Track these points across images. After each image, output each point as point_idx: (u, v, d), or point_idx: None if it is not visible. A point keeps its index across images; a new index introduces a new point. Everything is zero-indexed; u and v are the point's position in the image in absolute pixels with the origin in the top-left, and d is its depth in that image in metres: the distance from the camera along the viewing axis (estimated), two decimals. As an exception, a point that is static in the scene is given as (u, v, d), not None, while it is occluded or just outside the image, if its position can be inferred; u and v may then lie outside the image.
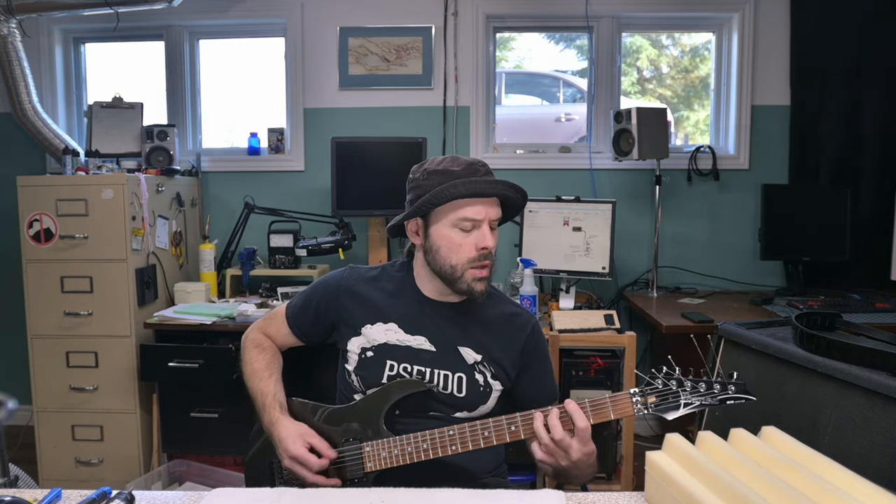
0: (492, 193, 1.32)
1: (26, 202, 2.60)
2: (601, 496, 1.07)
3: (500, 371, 1.39)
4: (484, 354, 1.39)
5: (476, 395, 1.37)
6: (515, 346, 1.42)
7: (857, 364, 1.15)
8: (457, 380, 1.37)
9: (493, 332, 1.41)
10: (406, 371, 1.37)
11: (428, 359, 1.37)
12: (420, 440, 1.26)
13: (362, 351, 1.40)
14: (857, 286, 2.97)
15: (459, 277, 1.33)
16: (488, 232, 1.33)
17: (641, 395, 1.17)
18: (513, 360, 1.41)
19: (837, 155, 3.04)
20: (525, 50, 3.48)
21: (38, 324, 2.64)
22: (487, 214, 1.32)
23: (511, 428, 1.23)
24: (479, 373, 1.38)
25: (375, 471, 1.29)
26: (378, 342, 1.40)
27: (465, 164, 1.34)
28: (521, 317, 1.46)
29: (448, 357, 1.38)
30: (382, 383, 1.37)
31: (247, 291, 3.00)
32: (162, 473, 2.45)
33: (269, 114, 3.38)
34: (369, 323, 1.41)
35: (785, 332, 1.39)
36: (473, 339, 1.40)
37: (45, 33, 3.23)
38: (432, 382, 1.36)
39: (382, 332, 1.40)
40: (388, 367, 1.38)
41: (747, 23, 3.08)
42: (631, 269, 3.18)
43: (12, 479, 1.18)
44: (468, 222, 1.32)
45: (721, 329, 1.50)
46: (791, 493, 0.85)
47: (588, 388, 2.53)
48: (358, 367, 1.40)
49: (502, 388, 1.40)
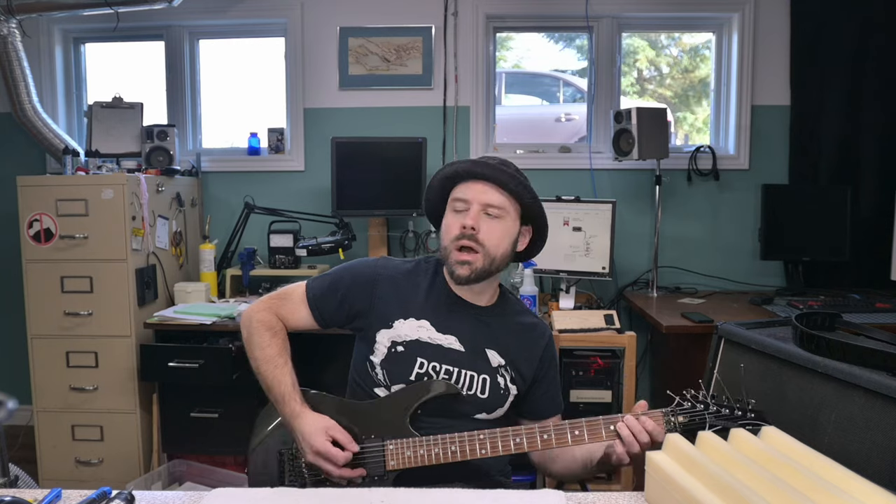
0: (475, 172, 1.34)
1: (26, 202, 2.60)
2: (601, 496, 1.07)
3: (519, 377, 1.41)
4: (507, 359, 1.40)
5: (497, 397, 1.38)
6: (535, 355, 1.44)
7: (857, 364, 1.15)
8: (481, 381, 1.37)
9: (516, 338, 1.43)
10: (434, 370, 1.36)
11: (456, 359, 1.37)
12: (448, 442, 1.24)
13: (392, 345, 1.38)
14: (857, 286, 2.97)
15: (447, 260, 1.36)
16: (475, 212, 1.33)
17: (673, 415, 1.23)
18: (531, 368, 1.43)
19: (837, 155, 3.04)
20: (525, 50, 3.48)
21: (38, 324, 2.64)
22: (477, 196, 1.34)
23: (543, 437, 1.24)
24: (502, 376, 1.39)
25: (397, 469, 1.27)
26: (410, 338, 1.38)
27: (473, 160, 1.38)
28: (540, 327, 1.48)
29: (475, 358, 1.38)
30: (410, 380, 1.35)
31: (247, 291, 3.00)
32: (162, 473, 2.45)
33: (269, 114, 3.38)
34: (402, 318, 1.39)
35: (785, 332, 1.39)
36: (499, 342, 1.41)
37: (45, 33, 3.23)
38: (459, 383, 1.36)
39: (415, 328, 1.38)
40: (417, 365, 1.36)
41: (747, 23, 3.08)
42: (631, 269, 3.17)
43: (12, 479, 1.18)
44: (460, 202, 1.35)
45: (721, 329, 1.50)
46: (791, 493, 0.85)
47: (588, 388, 2.53)
48: (386, 361, 1.37)
49: (517, 394, 1.41)
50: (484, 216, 1.34)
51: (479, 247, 1.33)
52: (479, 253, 1.33)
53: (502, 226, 1.35)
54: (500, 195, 1.34)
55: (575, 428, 1.23)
